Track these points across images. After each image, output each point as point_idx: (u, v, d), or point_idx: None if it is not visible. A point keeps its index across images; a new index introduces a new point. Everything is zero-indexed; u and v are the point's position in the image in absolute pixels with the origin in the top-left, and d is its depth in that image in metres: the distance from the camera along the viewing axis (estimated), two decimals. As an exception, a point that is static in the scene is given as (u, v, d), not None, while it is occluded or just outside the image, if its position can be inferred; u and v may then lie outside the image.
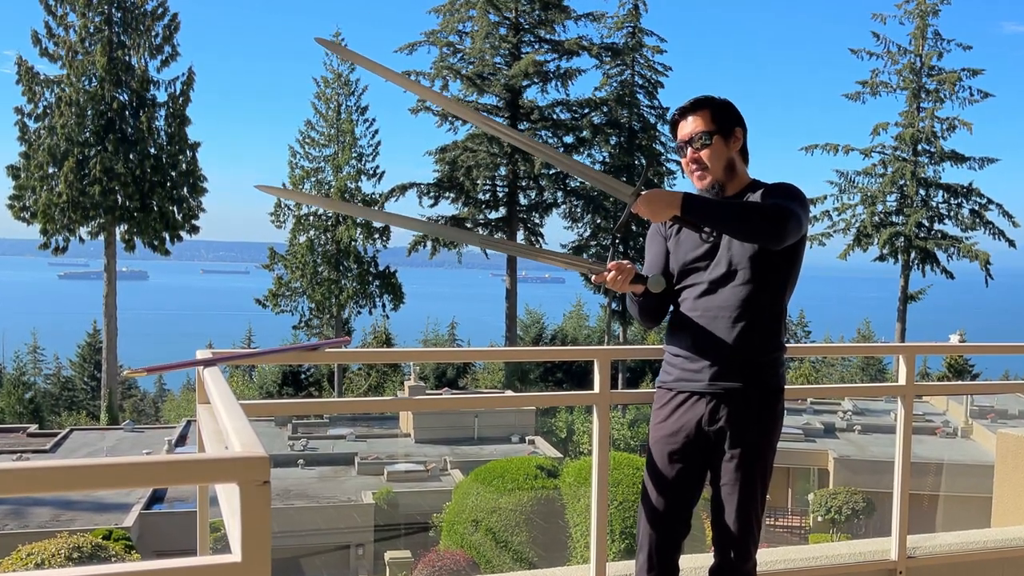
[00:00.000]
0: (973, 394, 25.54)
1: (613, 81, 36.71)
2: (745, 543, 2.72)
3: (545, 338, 45.67)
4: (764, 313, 2.70)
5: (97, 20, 32.00)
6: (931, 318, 50.73)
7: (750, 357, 2.69)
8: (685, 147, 2.76)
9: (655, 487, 2.79)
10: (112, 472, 1.16)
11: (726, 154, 2.75)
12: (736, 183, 2.78)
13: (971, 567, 3.69)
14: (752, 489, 2.71)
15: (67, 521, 17.62)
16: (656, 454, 2.81)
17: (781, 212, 2.54)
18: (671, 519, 2.78)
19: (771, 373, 2.74)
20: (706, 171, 2.74)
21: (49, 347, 49.52)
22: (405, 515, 19.19)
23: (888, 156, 35.04)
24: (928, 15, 34.03)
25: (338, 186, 33.41)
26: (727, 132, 2.75)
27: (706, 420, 2.72)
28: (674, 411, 2.77)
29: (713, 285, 2.71)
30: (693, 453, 2.76)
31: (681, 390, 2.77)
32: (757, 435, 2.71)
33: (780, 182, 2.77)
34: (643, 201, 2.52)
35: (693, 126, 2.74)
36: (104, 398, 33.28)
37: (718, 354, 2.69)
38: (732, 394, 2.69)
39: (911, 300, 34.94)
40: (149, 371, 2.52)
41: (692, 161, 2.75)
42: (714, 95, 2.80)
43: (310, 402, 3.61)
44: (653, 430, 2.84)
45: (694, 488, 2.80)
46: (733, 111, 2.79)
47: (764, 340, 2.71)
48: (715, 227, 2.61)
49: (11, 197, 32.04)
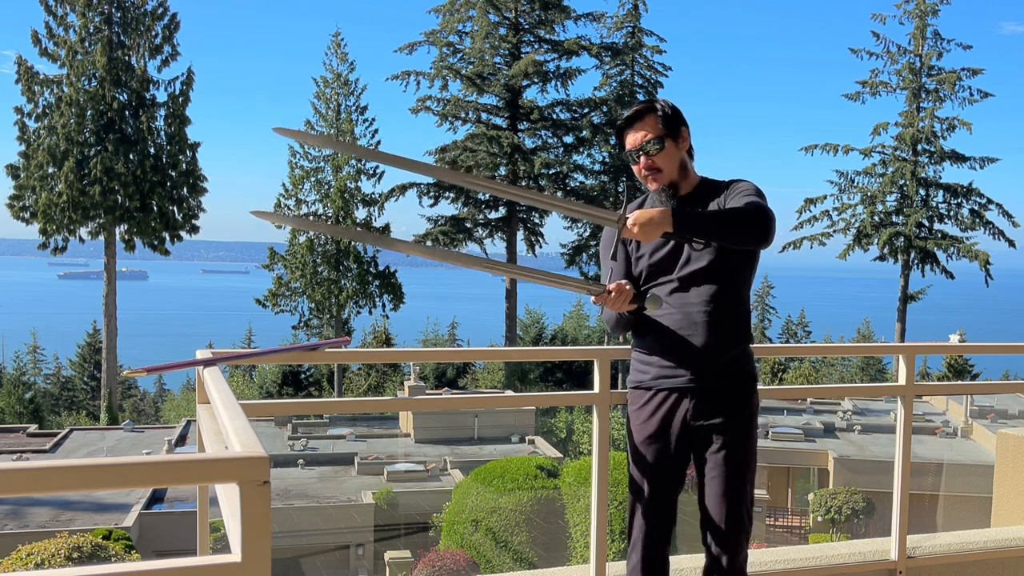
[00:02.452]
0: (973, 394, 25.52)
1: (613, 81, 36.73)
2: (736, 536, 2.75)
3: (545, 338, 45.66)
4: (734, 307, 2.76)
5: (97, 20, 32.00)
6: (931, 318, 50.76)
7: (726, 351, 2.74)
8: (637, 154, 2.80)
9: (645, 487, 2.82)
10: (112, 472, 1.16)
11: (677, 156, 2.80)
12: (688, 182, 2.83)
13: (971, 567, 3.69)
14: (741, 481, 2.74)
15: (67, 521, 17.61)
16: (640, 455, 2.83)
17: (762, 212, 2.59)
18: (662, 516, 2.82)
19: (746, 365, 2.80)
20: (660, 174, 2.79)
21: (49, 347, 49.54)
22: (405, 515, 19.20)
23: (888, 156, 35.05)
24: (928, 15, 34.04)
25: (338, 186, 33.41)
26: (675, 134, 2.80)
27: (691, 415, 2.74)
28: (656, 410, 2.79)
29: (683, 282, 2.74)
30: (678, 450, 2.79)
31: (661, 388, 2.79)
32: (740, 427, 2.76)
33: (738, 180, 2.82)
34: (633, 224, 2.55)
35: (643, 134, 2.78)
36: (104, 398, 33.28)
37: (695, 350, 2.72)
38: (713, 388, 2.74)
39: (911, 300, 34.94)
40: (149, 371, 2.52)
41: (646, 168, 2.80)
42: (656, 99, 2.88)
43: (310, 402, 3.62)
44: (635, 431, 2.85)
45: (679, 483, 2.86)
46: (677, 113, 2.83)
47: (737, 333, 2.77)
48: (706, 238, 2.63)
49: (11, 197, 32.05)
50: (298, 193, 34.07)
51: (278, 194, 34.14)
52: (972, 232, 34.72)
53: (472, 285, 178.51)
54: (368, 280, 34.21)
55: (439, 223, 34.88)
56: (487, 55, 34.60)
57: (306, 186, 34.07)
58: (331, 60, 34.67)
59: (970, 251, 34.03)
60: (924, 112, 34.41)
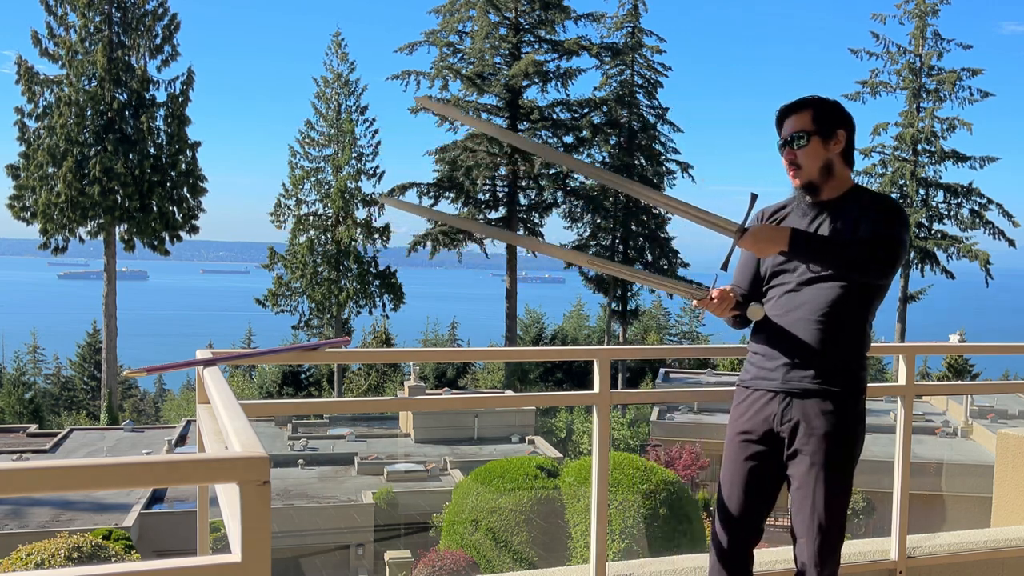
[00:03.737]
0: (973, 394, 25.50)
1: (613, 81, 36.75)
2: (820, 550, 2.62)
3: (545, 338, 45.66)
4: (847, 315, 2.64)
5: (97, 20, 32.01)
6: (931, 318, 50.74)
7: (828, 356, 2.63)
8: (784, 146, 2.72)
9: (729, 488, 2.77)
10: (112, 472, 1.16)
11: (824, 155, 2.69)
12: (834, 186, 2.71)
13: (971, 567, 3.69)
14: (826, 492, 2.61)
15: (67, 521, 17.61)
16: (731, 454, 2.79)
17: (885, 247, 2.55)
18: (743, 523, 2.75)
19: (848, 374, 2.66)
20: (799, 171, 2.70)
21: (49, 347, 49.53)
22: (405, 515, 19.19)
23: (888, 156, 35.07)
24: (928, 15, 34.04)
25: (338, 186, 33.41)
26: (827, 133, 2.68)
27: (777, 419, 2.68)
28: (749, 409, 2.75)
29: (800, 285, 2.68)
30: (767, 454, 2.72)
31: (757, 387, 2.74)
32: (832, 435, 2.61)
33: (884, 199, 2.72)
34: (749, 237, 2.53)
35: (792, 125, 2.69)
36: (104, 398, 33.28)
37: (795, 352, 2.65)
38: (805, 393, 2.64)
39: (911, 300, 34.95)
40: (149, 371, 2.52)
41: (787, 161, 2.71)
42: (821, 95, 2.74)
43: (310, 402, 3.62)
44: (730, 428, 2.83)
45: (769, 492, 2.75)
46: (838, 112, 2.72)
47: (843, 341, 2.64)
48: (821, 266, 2.60)
49: (11, 197, 32.06)
50: (298, 193, 34.08)
51: (278, 194, 34.18)
52: (972, 232, 34.77)
53: (472, 285, 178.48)
54: (368, 280, 34.21)
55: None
56: (487, 55, 34.61)
57: (306, 186, 34.09)
58: (331, 60, 34.72)
59: (970, 251, 34.04)
60: (924, 112, 34.41)
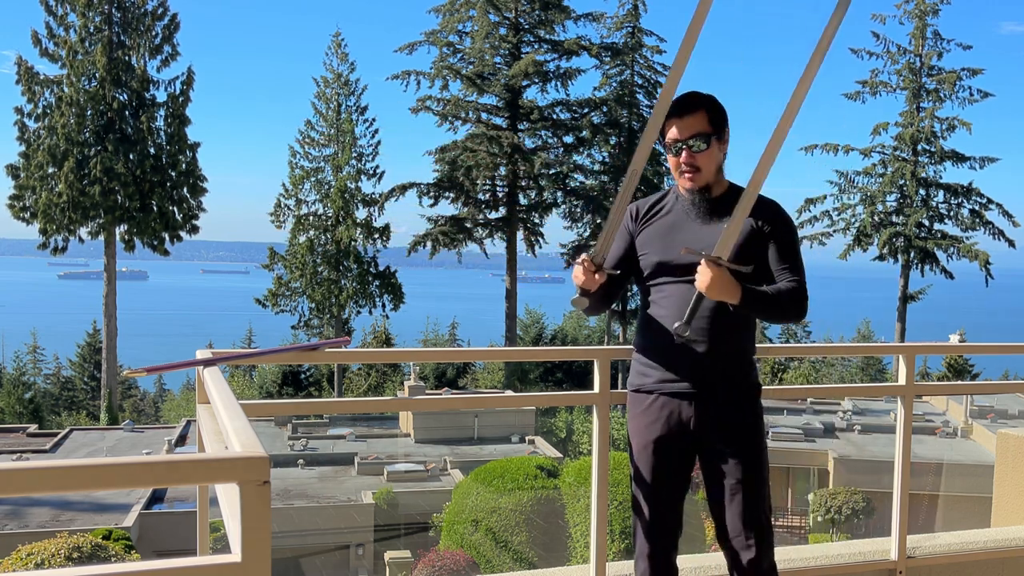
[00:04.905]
0: (973, 394, 25.51)
1: (613, 81, 36.73)
2: (760, 546, 2.66)
3: (545, 338, 45.65)
4: (739, 316, 2.67)
5: (97, 20, 32.00)
6: (931, 318, 50.75)
7: (731, 356, 2.68)
8: (679, 148, 2.65)
9: (649, 494, 2.74)
10: (112, 472, 1.16)
11: (719, 157, 2.69)
12: (719, 185, 2.72)
13: (971, 567, 3.69)
14: (758, 487, 2.66)
15: (67, 521, 17.61)
16: (643, 461, 2.74)
17: (803, 294, 2.68)
18: (669, 522, 2.75)
19: (750, 370, 2.74)
20: (698, 174, 2.66)
21: (49, 347, 49.52)
22: (405, 515, 19.19)
23: (888, 156, 35.05)
24: (928, 15, 34.03)
25: (338, 186, 33.41)
26: (721, 134, 2.67)
27: (694, 422, 2.66)
28: (659, 415, 2.71)
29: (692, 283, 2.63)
30: (681, 456, 2.72)
31: (663, 392, 2.70)
32: (749, 431, 2.68)
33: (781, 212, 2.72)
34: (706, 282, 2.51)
35: (689, 127, 2.62)
36: (104, 398, 33.28)
37: (700, 355, 2.64)
38: (718, 393, 2.66)
39: (911, 300, 34.94)
40: (149, 371, 2.51)
41: (686, 164, 2.65)
42: (702, 92, 2.69)
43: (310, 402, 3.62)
44: (637, 436, 2.76)
45: (683, 489, 2.78)
46: (723, 110, 2.69)
47: (742, 340, 2.71)
48: (756, 316, 2.72)
49: (11, 197, 32.05)
50: (298, 193, 34.09)
51: (278, 194, 34.18)
52: (972, 232, 34.72)
53: (472, 285, 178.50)
54: (368, 280, 34.21)
55: (439, 223, 34.86)
56: (487, 55, 34.60)
57: (306, 186, 34.09)
58: (331, 60, 34.72)
59: (970, 251, 34.02)
60: (924, 112, 34.40)
